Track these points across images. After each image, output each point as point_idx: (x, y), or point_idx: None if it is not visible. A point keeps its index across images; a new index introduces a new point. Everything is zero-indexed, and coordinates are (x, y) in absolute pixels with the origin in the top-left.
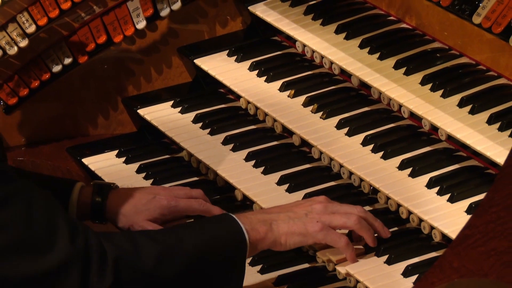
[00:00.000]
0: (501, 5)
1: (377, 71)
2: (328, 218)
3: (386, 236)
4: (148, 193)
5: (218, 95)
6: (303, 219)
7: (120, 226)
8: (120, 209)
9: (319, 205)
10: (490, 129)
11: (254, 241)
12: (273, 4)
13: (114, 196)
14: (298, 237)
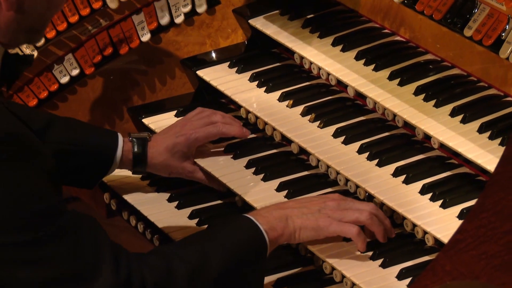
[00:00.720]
0: (491, 18)
1: (372, 82)
2: (340, 214)
3: (391, 236)
4: (171, 136)
5: (219, 105)
6: (316, 214)
7: (163, 175)
8: (157, 161)
9: (332, 202)
10: (481, 138)
11: (273, 239)
12: (273, 18)
13: (150, 148)
14: (311, 232)
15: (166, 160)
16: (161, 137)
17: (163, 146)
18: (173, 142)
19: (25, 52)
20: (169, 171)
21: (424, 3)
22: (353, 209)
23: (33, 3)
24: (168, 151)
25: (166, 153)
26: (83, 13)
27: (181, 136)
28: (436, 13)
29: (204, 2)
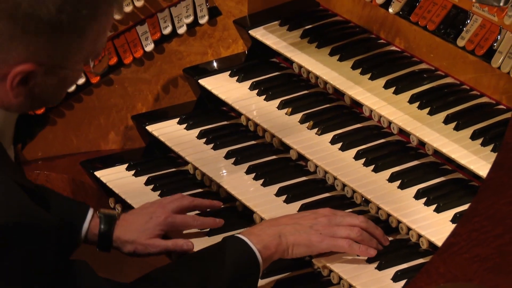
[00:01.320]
0: (484, 29)
1: (368, 91)
2: (331, 230)
3: (385, 243)
4: (144, 215)
5: (220, 112)
6: (308, 231)
7: (126, 252)
8: (124, 238)
9: (324, 218)
10: (474, 144)
11: (266, 257)
12: (272, 28)
13: (118, 226)
14: (303, 248)
15: (134, 237)
16: (132, 215)
17: (135, 223)
18: (147, 219)
19: None
20: (133, 249)
21: (419, 14)
22: (343, 225)
23: (44, 88)
24: (138, 228)
25: (136, 230)
26: None
27: (158, 217)
28: (430, 24)
29: (206, 13)
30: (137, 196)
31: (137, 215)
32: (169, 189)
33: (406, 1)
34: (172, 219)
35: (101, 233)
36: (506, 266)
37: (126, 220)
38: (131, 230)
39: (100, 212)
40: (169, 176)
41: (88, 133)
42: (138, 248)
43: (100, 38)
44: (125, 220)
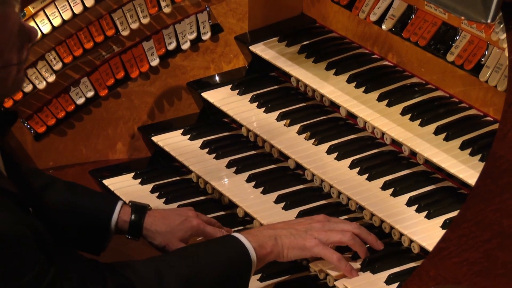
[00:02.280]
0: (472, 45)
1: (362, 103)
2: (325, 235)
3: (379, 248)
4: (180, 215)
5: (222, 124)
6: (303, 235)
7: (156, 243)
8: (156, 228)
9: (318, 223)
10: (463, 154)
11: (261, 256)
12: (271, 44)
13: (150, 216)
14: (298, 251)
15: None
16: (166, 212)
17: (170, 220)
18: (181, 220)
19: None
20: (165, 242)
21: (410, 31)
22: (336, 230)
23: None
24: (173, 226)
25: (171, 226)
26: (97, 40)
27: (191, 220)
28: (421, 40)
29: (208, 30)
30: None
31: (172, 213)
32: (174, 197)
33: (398, 18)
34: (204, 227)
35: (132, 221)
36: (494, 269)
37: (159, 213)
38: (165, 224)
39: (131, 202)
40: (173, 184)
41: (96, 143)
42: (170, 245)
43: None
44: (158, 213)
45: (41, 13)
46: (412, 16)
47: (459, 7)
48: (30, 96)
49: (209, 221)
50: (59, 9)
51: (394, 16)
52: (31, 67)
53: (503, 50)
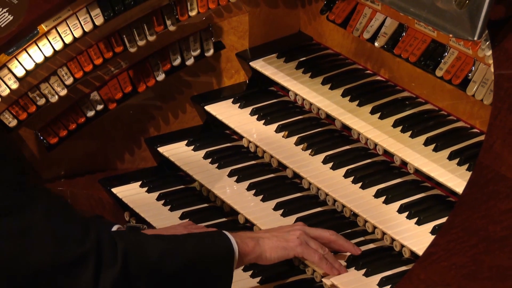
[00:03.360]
0: (460, 61)
1: (356, 116)
2: (306, 238)
3: (357, 253)
4: (169, 233)
5: (224, 135)
6: (285, 236)
7: None
8: None
9: (299, 226)
10: (451, 164)
11: (242, 252)
12: (270, 60)
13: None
14: (281, 251)
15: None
16: (159, 231)
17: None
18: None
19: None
20: None
21: (401, 48)
22: (317, 231)
23: None
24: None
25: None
26: (106, 56)
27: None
28: (412, 56)
29: (211, 47)
30: (149, 210)
31: (163, 231)
32: (178, 204)
33: (390, 36)
34: None
35: None
36: (480, 272)
37: (152, 232)
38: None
39: (126, 224)
40: (178, 192)
41: (105, 153)
42: None
43: None
44: (151, 232)
45: (53, 31)
46: (403, 34)
47: (448, 25)
48: (43, 109)
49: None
50: (71, 27)
51: (386, 34)
52: (44, 81)
53: (489, 66)
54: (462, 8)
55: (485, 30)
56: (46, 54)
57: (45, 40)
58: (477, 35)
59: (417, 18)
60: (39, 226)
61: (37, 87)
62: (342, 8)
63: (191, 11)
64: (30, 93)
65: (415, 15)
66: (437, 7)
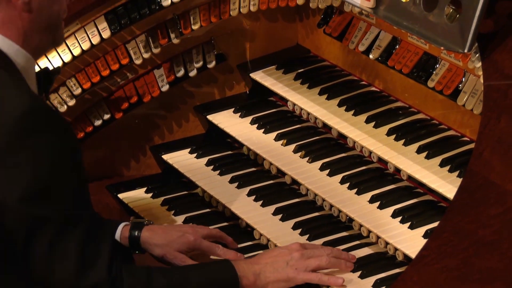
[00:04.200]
0: (450, 72)
1: (352, 125)
2: (304, 264)
3: (353, 260)
4: (178, 231)
5: (226, 143)
6: (285, 268)
7: (155, 254)
8: (154, 241)
9: (297, 253)
10: (442, 171)
11: (244, 286)
12: (270, 72)
13: (148, 230)
14: (282, 283)
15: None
16: (166, 228)
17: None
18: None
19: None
20: (163, 253)
21: (395, 60)
22: (314, 257)
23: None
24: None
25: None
26: (113, 68)
27: (189, 235)
28: (405, 68)
29: (213, 59)
30: (154, 215)
31: (170, 228)
32: (182, 209)
33: (384, 48)
34: (200, 242)
35: (130, 236)
36: (471, 275)
37: (158, 228)
38: (163, 237)
39: (132, 220)
40: (181, 198)
41: (112, 161)
42: (168, 255)
43: None
44: (156, 227)
45: (62, 44)
46: (396, 47)
47: (439, 38)
48: None
49: (209, 235)
50: (79, 40)
51: (380, 47)
52: (54, 92)
53: (479, 77)
54: (452, 22)
55: (475, 43)
56: (55, 66)
57: (54, 53)
58: (467, 47)
59: (410, 32)
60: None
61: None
62: (338, 22)
63: (194, 25)
64: None
65: (408, 29)
66: (429, 21)
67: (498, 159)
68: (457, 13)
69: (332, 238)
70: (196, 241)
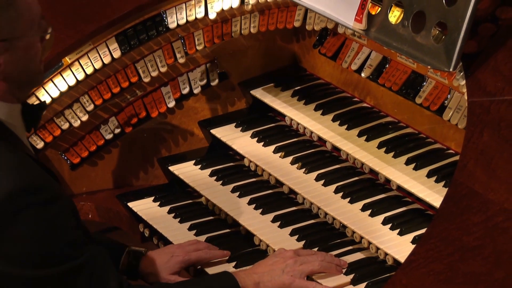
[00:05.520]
0: (436, 89)
1: (345, 138)
2: (299, 270)
3: (344, 266)
4: (166, 254)
5: (228, 156)
6: (281, 275)
7: (150, 281)
8: (148, 271)
9: (291, 260)
10: (429, 181)
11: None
12: (269, 89)
13: (144, 261)
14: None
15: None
16: (156, 253)
17: (158, 260)
18: (168, 258)
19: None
20: (157, 279)
21: (385, 78)
22: (307, 263)
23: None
24: (161, 265)
25: (159, 266)
26: (123, 86)
27: (177, 256)
28: (394, 85)
29: (216, 77)
30: (161, 222)
31: (160, 254)
32: (187, 217)
33: (375, 67)
34: (189, 257)
35: (129, 265)
36: (456, 278)
37: (151, 257)
38: (154, 265)
39: (129, 248)
40: (186, 206)
41: (122, 172)
42: (161, 280)
43: (32, 5)
44: (150, 257)
45: (76, 63)
46: (386, 66)
47: (426, 58)
48: (67, 133)
49: (196, 249)
50: (91, 59)
51: (371, 66)
52: (67, 108)
53: (463, 94)
54: (439, 43)
55: (459, 62)
56: (70, 84)
57: (69, 71)
58: (452, 66)
59: (399, 52)
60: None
61: (61, 112)
62: (332, 43)
63: (199, 45)
64: (55, 118)
65: (397, 49)
66: (417, 42)
67: (481, 171)
68: (443, 35)
69: (326, 244)
70: (184, 258)
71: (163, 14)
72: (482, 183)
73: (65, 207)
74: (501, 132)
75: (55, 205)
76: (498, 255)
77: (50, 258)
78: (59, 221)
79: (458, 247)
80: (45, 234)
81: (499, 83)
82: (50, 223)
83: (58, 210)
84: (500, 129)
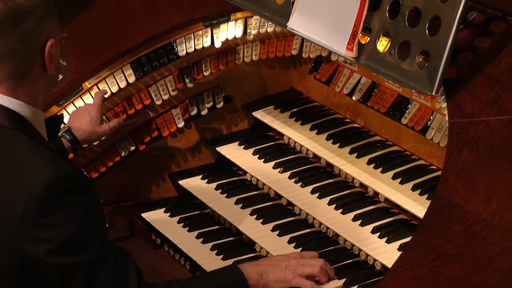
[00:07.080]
0: (420, 111)
1: (337, 155)
2: (300, 269)
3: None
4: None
5: (231, 171)
6: (283, 271)
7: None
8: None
9: (294, 260)
10: (414, 194)
11: (250, 285)
12: (269, 111)
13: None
14: (280, 283)
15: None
16: (78, 119)
17: (85, 123)
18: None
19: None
20: (96, 136)
21: (374, 101)
22: (308, 265)
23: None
24: (89, 124)
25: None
26: (137, 108)
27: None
28: (382, 107)
29: (221, 100)
30: (171, 231)
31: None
32: (195, 226)
33: (365, 91)
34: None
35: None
36: (438, 282)
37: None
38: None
39: (60, 134)
40: (194, 217)
41: (136, 186)
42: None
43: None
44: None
45: (95, 87)
46: (375, 90)
47: (411, 82)
48: (86, 150)
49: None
50: (109, 84)
51: (361, 90)
52: None
53: (444, 116)
54: (422, 69)
55: (441, 86)
56: None
57: (88, 95)
58: (434, 90)
59: (387, 77)
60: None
61: None
62: (326, 69)
63: (205, 71)
64: None
65: (385, 75)
66: (403, 68)
67: (461, 185)
68: (426, 62)
69: (321, 251)
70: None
71: (174, 43)
72: (462, 196)
73: (97, 197)
74: (478, 150)
75: (90, 193)
76: (476, 261)
77: (84, 244)
78: (94, 207)
79: (440, 254)
80: (83, 218)
81: (477, 105)
82: (88, 208)
83: (92, 197)
84: (477, 147)
